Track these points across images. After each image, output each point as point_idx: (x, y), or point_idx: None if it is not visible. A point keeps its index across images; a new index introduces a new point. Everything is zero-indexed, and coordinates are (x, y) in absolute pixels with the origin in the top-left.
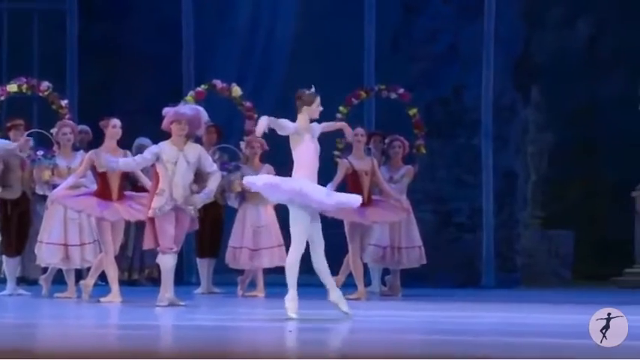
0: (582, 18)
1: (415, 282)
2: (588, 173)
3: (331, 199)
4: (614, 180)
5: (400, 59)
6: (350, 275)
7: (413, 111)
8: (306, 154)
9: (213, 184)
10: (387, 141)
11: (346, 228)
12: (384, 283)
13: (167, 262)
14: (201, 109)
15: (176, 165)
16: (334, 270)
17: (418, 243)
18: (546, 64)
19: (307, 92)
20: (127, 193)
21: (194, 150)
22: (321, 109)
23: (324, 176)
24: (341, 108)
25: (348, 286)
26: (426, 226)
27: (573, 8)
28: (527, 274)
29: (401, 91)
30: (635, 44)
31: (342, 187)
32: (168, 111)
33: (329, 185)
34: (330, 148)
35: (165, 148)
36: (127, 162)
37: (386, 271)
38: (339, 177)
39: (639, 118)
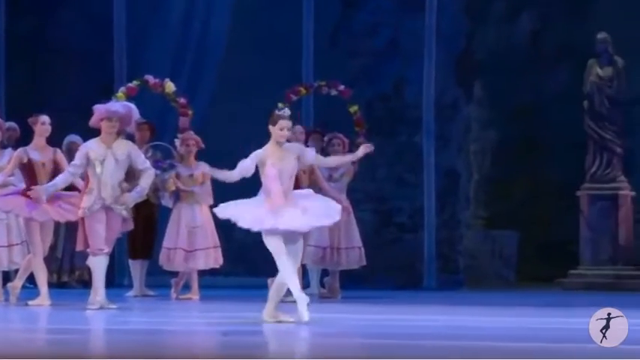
0: (525, 13)
1: (355, 284)
2: (532, 172)
3: (304, 223)
4: (559, 179)
5: (339, 54)
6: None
7: (354, 108)
8: (268, 179)
9: (145, 181)
10: (326, 139)
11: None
12: (322, 285)
13: (98, 264)
14: (132, 106)
15: (104, 163)
16: (273, 272)
17: (358, 244)
18: (489, 59)
19: (276, 111)
20: (57, 192)
21: (123, 147)
22: (286, 133)
23: (259, 175)
24: (280, 105)
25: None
26: (366, 227)
27: (516, 3)
28: (469, 275)
29: (341, 87)
30: (578, 39)
31: None
32: (98, 108)
33: None
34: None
35: (92, 146)
36: (63, 179)
37: (324, 273)
38: None
39: (583, 114)
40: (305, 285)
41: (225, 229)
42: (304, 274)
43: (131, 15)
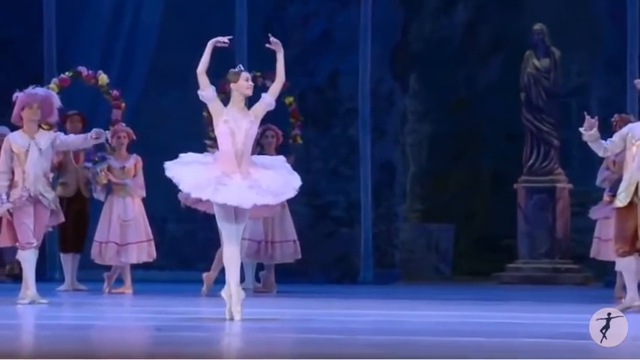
0: (461, 4)
1: (290, 278)
2: (469, 165)
3: (245, 199)
4: (495, 172)
5: None
6: (222, 271)
7: (289, 99)
8: (219, 137)
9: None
10: (259, 130)
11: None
12: (257, 279)
13: (27, 258)
14: (52, 93)
15: (27, 154)
16: (207, 266)
17: (293, 237)
18: (425, 51)
19: (230, 70)
20: None
21: (46, 137)
22: (249, 83)
23: None
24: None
25: (219, 282)
26: (301, 220)
27: None
28: (406, 269)
29: None
30: (514, 30)
31: None
32: (17, 95)
33: None
34: (201, 136)
35: (15, 138)
36: None
37: (260, 267)
38: None
39: (519, 107)
40: (241, 279)
41: (158, 222)
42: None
43: (61, 2)
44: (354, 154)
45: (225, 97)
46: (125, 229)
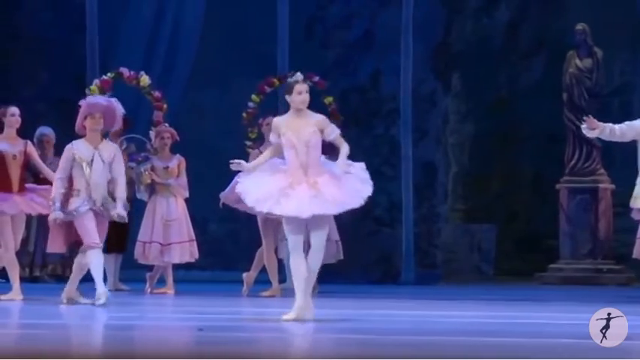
0: (503, 3)
1: (331, 278)
2: (511, 165)
3: (305, 209)
4: (538, 172)
5: (315, 46)
6: (263, 271)
7: (329, 99)
8: (284, 149)
9: (123, 192)
10: None
11: (259, 222)
12: None
13: (93, 258)
14: (115, 101)
15: (92, 165)
16: (249, 266)
17: (335, 237)
18: (466, 51)
19: (288, 80)
20: (29, 185)
21: (110, 149)
22: (305, 97)
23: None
24: (253, 96)
25: (261, 282)
26: (342, 220)
27: None
28: (447, 269)
29: (316, 78)
30: (556, 30)
31: None
32: (80, 104)
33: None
34: (241, 137)
35: (79, 146)
36: (54, 189)
37: None
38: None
39: (561, 107)
40: (282, 280)
41: (200, 222)
42: (281, 268)
43: (103, 4)
44: (395, 154)
45: (264, 98)
46: (168, 229)
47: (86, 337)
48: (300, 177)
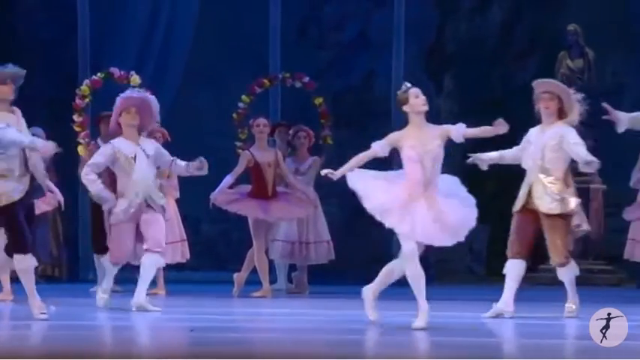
0: (496, 4)
1: (323, 279)
2: (503, 165)
3: (434, 237)
4: None
5: (308, 46)
6: (254, 272)
7: (319, 100)
8: (408, 163)
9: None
10: (291, 132)
11: (250, 223)
12: (290, 280)
13: (110, 269)
14: (149, 95)
15: (136, 161)
16: (240, 267)
17: (326, 238)
18: (459, 51)
19: (398, 93)
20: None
21: (149, 143)
22: (422, 99)
23: (226, 169)
24: (243, 97)
25: (252, 283)
26: (334, 221)
27: None
28: (440, 270)
29: (306, 79)
30: (549, 30)
31: (245, 180)
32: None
33: (228, 176)
34: (231, 138)
35: (120, 144)
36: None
37: (292, 268)
38: (239, 169)
39: None
40: (272, 280)
41: (192, 222)
42: (272, 269)
43: (95, 4)
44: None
45: (255, 99)
46: None
47: (77, 337)
48: (419, 192)
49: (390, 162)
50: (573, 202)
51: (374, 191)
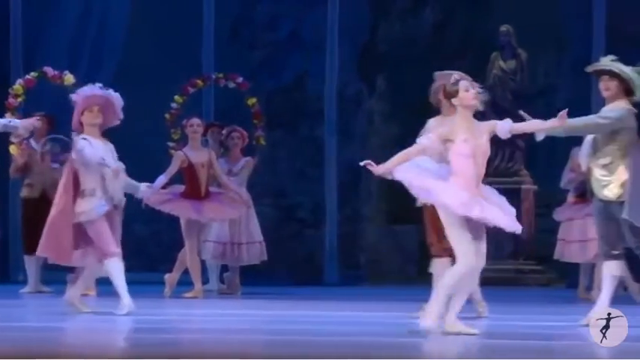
0: (429, 5)
1: (255, 279)
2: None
3: (508, 221)
4: None
5: (241, 46)
6: (185, 272)
7: (252, 101)
8: (460, 157)
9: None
10: (225, 132)
11: (183, 224)
12: (222, 280)
13: (115, 267)
14: (112, 92)
15: (106, 160)
16: (172, 267)
17: (259, 238)
18: (392, 52)
19: (447, 84)
20: None
21: (108, 142)
22: (472, 92)
23: (159, 169)
24: (176, 97)
25: (183, 284)
26: (266, 221)
27: None
28: (371, 270)
29: (239, 79)
30: (482, 31)
31: (178, 180)
32: (75, 99)
33: (161, 176)
34: (164, 139)
35: (92, 142)
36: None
37: (224, 269)
38: (172, 169)
39: (486, 108)
40: (204, 281)
41: (125, 222)
42: (204, 270)
43: (27, 4)
44: (320, 155)
45: (188, 99)
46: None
47: (5, 339)
48: (473, 190)
49: None
50: None
51: (441, 187)
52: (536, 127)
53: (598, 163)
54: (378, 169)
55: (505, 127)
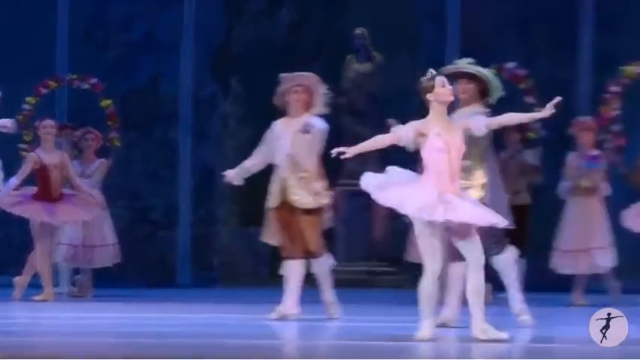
0: (285, 7)
1: (107, 282)
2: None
3: (478, 215)
4: None
5: (94, 47)
6: (36, 275)
7: (106, 102)
8: (433, 152)
9: None
10: (78, 133)
11: (34, 226)
12: (73, 283)
13: None
14: None
15: None
16: (21, 270)
17: (112, 241)
18: (247, 54)
19: (422, 79)
20: None
21: None
22: (447, 89)
23: (10, 171)
24: (28, 99)
25: (33, 286)
26: (119, 223)
27: None
28: (225, 272)
29: (93, 81)
30: (336, 33)
31: (30, 182)
32: None
33: (12, 179)
34: (16, 140)
35: None
36: None
37: (76, 271)
38: (24, 171)
39: (340, 110)
40: (55, 284)
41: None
42: (55, 273)
43: None
44: (174, 157)
45: (41, 100)
46: None
47: None
48: (448, 186)
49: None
50: (327, 196)
51: (407, 195)
52: (509, 119)
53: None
54: (349, 153)
55: (480, 123)
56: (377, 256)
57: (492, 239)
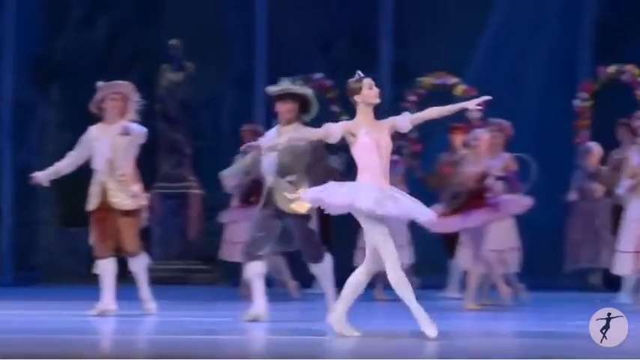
0: (104, 16)
1: None
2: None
3: (396, 207)
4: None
5: None
6: None
7: None
8: (364, 150)
9: None
10: None
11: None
12: None
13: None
14: None
15: None
16: None
17: None
18: (67, 62)
19: (350, 81)
20: None
21: None
22: (375, 90)
23: None
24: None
25: None
26: None
27: (94, 8)
28: (46, 271)
29: None
30: (152, 44)
31: None
32: None
33: None
34: None
35: None
36: None
37: None
38: None
39: (155, 117)
40: None
41: None
42: None
43: None
44: None
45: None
46: None
47: None
48: (381, 181)
49: None
50: (144, 198)
51: (357, 193)
52: (430, 114)
53: (285, 180)
54: (264, 148)
55: (405, 120)
56: (191, 255)
57: (312, 246)
